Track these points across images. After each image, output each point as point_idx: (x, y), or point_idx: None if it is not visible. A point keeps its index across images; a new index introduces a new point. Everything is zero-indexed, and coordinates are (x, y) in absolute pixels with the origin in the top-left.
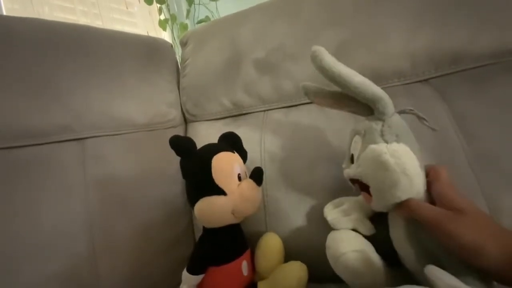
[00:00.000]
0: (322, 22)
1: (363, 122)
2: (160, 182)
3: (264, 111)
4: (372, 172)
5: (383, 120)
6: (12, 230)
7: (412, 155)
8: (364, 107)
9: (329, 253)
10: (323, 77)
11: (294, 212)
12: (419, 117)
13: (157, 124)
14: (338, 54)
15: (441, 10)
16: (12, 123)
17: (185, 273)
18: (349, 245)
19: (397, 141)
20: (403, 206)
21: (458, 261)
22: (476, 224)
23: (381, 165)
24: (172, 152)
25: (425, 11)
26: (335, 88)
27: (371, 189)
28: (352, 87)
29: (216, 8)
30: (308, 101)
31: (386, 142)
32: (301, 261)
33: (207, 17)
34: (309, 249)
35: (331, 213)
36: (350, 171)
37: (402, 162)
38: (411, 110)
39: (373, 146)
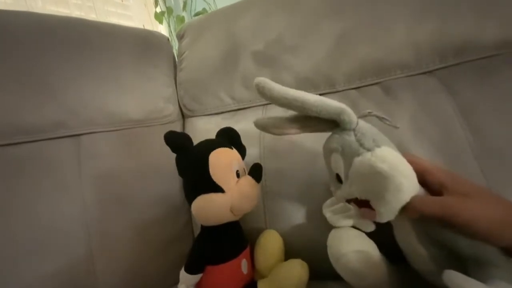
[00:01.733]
0: (322, 13)
1: (332, 139)
2: (157, 179)
3: (264, 105)
4: (369, 184)
5: (353, 130)
6: (7, 229)
7: (397, 154)
8: (327, 123)
9: (330, 253)
10: (325, 68)
11: (294, 208)
12: (379, 118)
13: (154, 119)
14: (339, 46)
15: (445, 0)
16: (6, 120)
17: (183, 273)
18: (350, 245)
19: (377, 145)
20: (407, 208)
21: (477, 250)
22: (485, 203)
23: (377, 175)
24: (169, 148)
25: (429, 1)
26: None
27: (372, 203)
28: (312, 106)
29: (213, 0)
30: None
31: (368, 150)
32: (302, 259)
33: (204, 9)
34: (309, 246)
35: (329, 210)
36: (342, 193)
37: (396, 165)
38: (369, 112)
39: (358, 159)
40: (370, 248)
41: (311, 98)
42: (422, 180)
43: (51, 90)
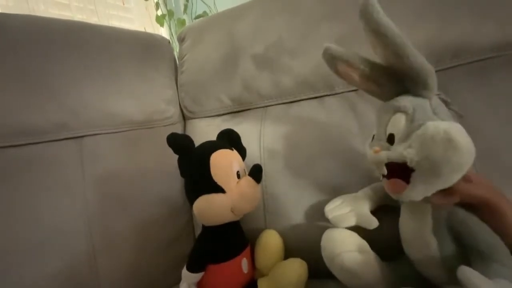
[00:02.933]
0: (321, 16)
1: (404, 98)
2: (159, 179)
3: (263, 107)
4: (434, 152)
5: (429, 98)
6: (10, 229)
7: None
8: (393, 86)
9: (324, 254)
10: (324, 71)
11: (294, 209)
12: (446, 102)
13: (155, 121)
14: None
15: (442, 3)
16: (8, 122)
17: (184, 271)
18: (343, 245)
19: (453, 121)
20: (451, 192)
21: (491, 246)
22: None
23: (450, 144)
24: (171, 150)
25: (426, 4)
26: (369, 57)
27: (416, 174)
28: (410, 53)
29: (214, 3)
30: (308, 96)
31: (443, 120)
32: (301, 258)
33: (204, 12)
34: (309, 246)
35: (331, 211)
36: (391, 153)
37: (469, 141)
38: (438, 94)
39: (433, 123)
40: (363, 247)
41: (411, 46)
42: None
43: (53, 92)
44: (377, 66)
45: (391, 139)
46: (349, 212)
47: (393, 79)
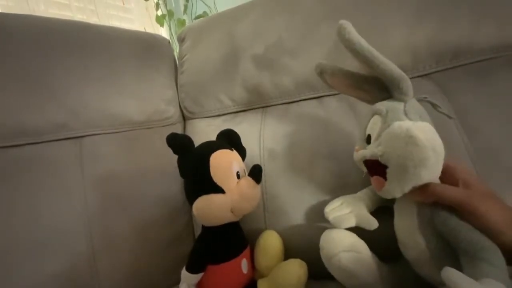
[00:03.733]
0: (321, 17)
1: (383, 103)
2: (159, 180)
3: (263, 107)
4: (397, 148)
5: (405, 101)
6: (10, 229)
7: (437, 135)
8: (379, 93)
9: (323, 254)
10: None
11: (294, 209)
12: (433, 105)
13: (155, 121)
14: (337, 49)
15: (441, 4)
16: (8, 122)
17: (184, 272)
18: (341, 245)
19: (421, 120)
20: (425, 190)
21: (476, 245)
22: (499, 208)
23: (410, 140)
24: (171, 150)
25: (426, 5)
26: (353, 68)
27: (389, 170)
28: (381, 63)
29: (214, 3)
30: (307, 97)
31: (411, 120)
32: (301, 259)
33: (205, 12)
34: (308, 247)
35: (332, 212)
36: (366, 152)
37: (432, 138)
38: (425, 97)
39: (399, 122)
40: (361, 247)
41: (383, 57)
42: (445, 176)
43: (53, 92)
44: (361, 77)
45: (368, 139)
46: (349, 213)
47: (376, 86)
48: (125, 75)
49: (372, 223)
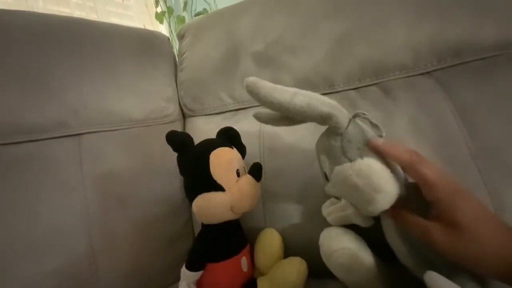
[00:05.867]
0: (322, 14)
1: (321, 141)
2: (158, 178)
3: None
4: (346, 192)
5: (341, 135)
6: (9, 227)
7: (379, 167)
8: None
9: (322, 251)
10: (324, 69)
11: (293, 207)
12: (372, 124)
13: (154, 119)
14: (339, 47)
15: (443, 2)
16: (7, 120)
17: (184, 270)
18: (340, 242)
19: (361, 156)
20: (389, 212)
21: (449, 267)
22: (474, 240)
23: (350, 187)
24: (171, 148)
25: (427, 2)
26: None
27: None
28: (297, 113)
29: (214, 0)
30: None
31: (350, 160)
32: (301, 257)
33: (204, 9)
34: (308, 245)
35: (329, 211)
36: (329, 190)
37: (370, 181)
38: (363, 114)
39: (338, 168)
40: (360, 244)
41: (298, 102)
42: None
43: (51, 90)
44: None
45: (326, 177)
46: (345, 210)
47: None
48: (124, 73)
49: (367, 221)
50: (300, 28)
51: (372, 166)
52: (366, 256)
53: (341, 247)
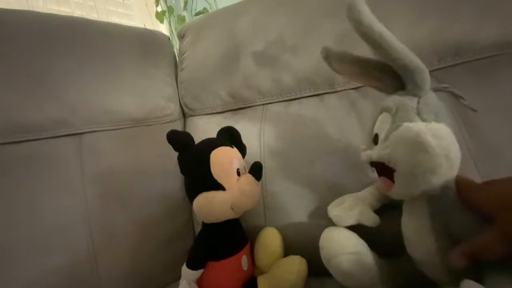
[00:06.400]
0: (323, 13)
1: (393, 98)
2: (159, 177)
3: (264, 104)
4: (406, 154)
5: (419, 96)
6: (9, 226)
7: (454, 136)
8: (392, 81)
9: (322, 254)
10: (324, 68)
11: (294, 206)
12: (456, 96)
13: (155, 118)
14: (339, 46)
15: (444, 1)
16: (7, 118)
17: (184, 268)
18: (341, 247)
19: (436, 121)
20: (465, 253)
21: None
22: None
23: (420, 146)
24: (171, 147)
25: (428, 1)
26: (363, 54)
27: (396, 174)
28: (394, 51)
29: None
30: (308, 94)
31: (424, 121)
32: (301, 255)
33: (205, 8)
34: (308, 244)
35: (334, 210)
36: (373, 153)
37: (446, 144)
38: (446, 87)
39: (409, 124)
40: (362, 249)
41: (397, 42)
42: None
43: (52, 89)
44: (371, 63)
45: (376, 138)
46: (351, 210)
47: (388, 75)
48: (125, 72)
49: (375, 220)
50: (301, 27)
51: (449, 131)
52: (368, 261)
53: (344, 252)
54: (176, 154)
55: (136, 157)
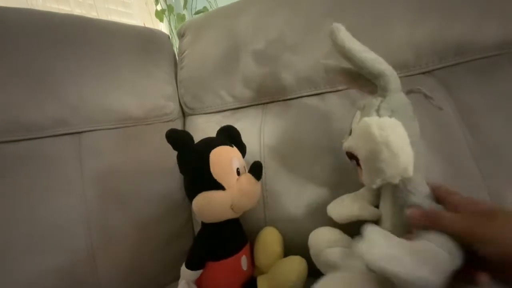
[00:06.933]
0: (323, 12)
1: (366, 98)
2: (158, 176)
3: (264, 103)
4: (361, 143)
5: (384, 97)
6: (8, 226)
7: (401, 130)
8: (373, 86)
9: (311, 252)
10: (325, 70)
11: (294, 206)
12: (426, 96)
13: (154, 117)
14: None
15: (444, 1)
16: (6, 117)
17: (183, 268)
18: (326, 241)
19: (390, 116)
20: (413, 216)
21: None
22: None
23: (367, 136)
24: (170, 146)
25: (429, 0)
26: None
27: (360, 162)
28: (358, 61)
29: None
30: (308, 93)
31: (380, 116)
32: (301, 256)
33: (205, 7)
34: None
35: (334, 209)
36: (345, 143)
37: (386, 134)
38: (418, 89)
39: (364, 118)
40: (347, 243)
41: (364, 54)
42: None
43: (51, 88)
44: (356, 72)
45: (351, 132)
46: (351, 207)
47: (368, 81)
48: (124, 71)
49: (375, 213)
50: (302, 26)
51: (396, 124)
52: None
53: (328, 246)
54: (175, 153)
55: (135, 156)
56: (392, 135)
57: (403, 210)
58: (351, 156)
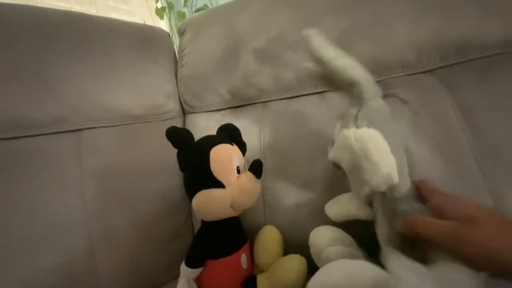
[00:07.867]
0: (324, 10)
1: (346, 108)
2: (158, 174)
3: (264, 102)
4: (342, 155)
5: (361, 105)
6: (7, 224)
7: (380, 140)
8: (349, 93)
9: (312, 251)
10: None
11: (294, 204)
12: (402, 101)
13: (154, 115)
14: (340, 44)
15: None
16: (6, 114)
17: (183, 267)
18: (327, 239)
19: (368, 126)
20: (405, 222)
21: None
22: (491, 228)
23: (347, 149)
24: (170, 144)
25: (430, 0)
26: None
27: (346, 172)
28: (331, 69)
29: None
30: (309, 92)
31: (358, 127)
32: (301, 254)
33: (205, 5)
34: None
35: (331, 208)
36: (330, 154)
37: (365, 147)
38: (393, 93)
39: (343, 131)
40: (348, 241)
41: (337, 62)
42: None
43: (51, 85)
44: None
45: (333, 143)
46: (348, 206)
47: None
48: (124, 68)
49: (370, 213)
50: (302, 24)
51: (374, 135)
52: (355, 253)
53: (330, 244)
54: (175, 151)
55: (135, 154)
56: (370, 146)
57: (394, 215)
58: (338, 166)
